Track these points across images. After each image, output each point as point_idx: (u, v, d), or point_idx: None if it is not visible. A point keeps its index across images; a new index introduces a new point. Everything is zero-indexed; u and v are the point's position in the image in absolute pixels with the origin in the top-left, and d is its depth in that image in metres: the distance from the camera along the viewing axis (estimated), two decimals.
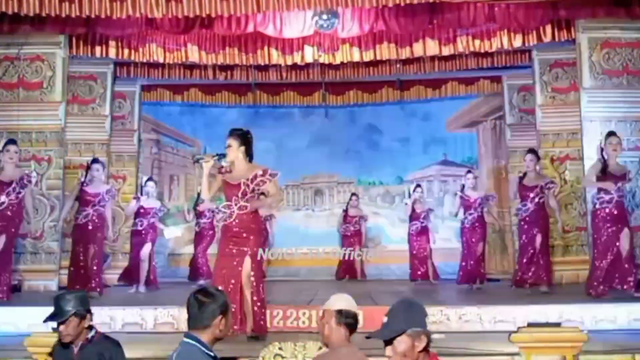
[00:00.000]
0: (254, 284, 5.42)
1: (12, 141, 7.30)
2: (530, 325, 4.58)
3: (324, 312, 3.37)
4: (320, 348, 3.75)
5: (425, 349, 2.54)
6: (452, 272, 9.99)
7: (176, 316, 5.99)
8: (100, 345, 3.61)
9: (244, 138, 5.59)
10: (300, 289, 8.63)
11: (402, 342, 2.51)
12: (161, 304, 6.50)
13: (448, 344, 5.08)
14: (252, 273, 5.40)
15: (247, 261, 5.40)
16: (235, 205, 5.48)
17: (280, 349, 3.79)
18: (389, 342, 2.55)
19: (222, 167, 5.66)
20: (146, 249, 8.53)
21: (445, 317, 6.01)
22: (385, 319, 2.61)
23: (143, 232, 8.63)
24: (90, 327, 3.64)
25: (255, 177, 5.49)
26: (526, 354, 4.41)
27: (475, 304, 6.33)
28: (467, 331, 5.87)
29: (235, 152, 5.54)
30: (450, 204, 10.82)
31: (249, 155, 5.61)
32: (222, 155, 5.58)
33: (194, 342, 2.85)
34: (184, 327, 3.09)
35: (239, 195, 5.47)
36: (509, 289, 7.97)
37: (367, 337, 2.66)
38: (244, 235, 5.47)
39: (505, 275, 9.83)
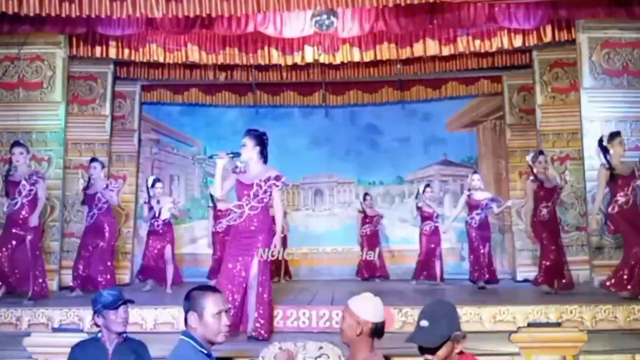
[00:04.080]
0: (261, 285, 5.39)
1: (16, 143, 7.27)
2: (530, 325, 4.59)
3: (350, 312, 2.98)
4: (320, 348, 3.76)
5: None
6: (452, 271, 10.02)
7: (176, 316, 5.99)
8: (133, 344, 3.67)
9: (260, 139, 5.57)
10: (300, 289, 8.62)
11: (444, 347, 2.48)
12: (161, 304, 6.50)
13: None
14: (259, 274, 5.38)
15: (255, 262, 5.37)
16: (247, 205, 5.46)
17: (280, 349, 3.80)
18: (428, 348, 2.48)
19: (237, 166, 5.62)
20: (167, 252, 8.54)
21: None
22: (425, 323, 2.51)
23: (159, 231, 8.62)
24: None
25: (269, 179, 5.47)
26: (526, 354, 4.41)
27: (475, 304, 6.32)
28: (467, 331, 5.81)
29: (250, 152, 5.51)
30: (450, 204, 10.81)
31: (264, 156, 5.58)
32: (236, 154, 5.54)
33: (187, 339, 2.86)
34: (183, 327, 3.09)
35: (251, 195, 5.45)
36: (509, 289, 7.97)
37: (407, 341, 2.56)
38: (254, 235, 5.45)
39: (505, 275, 9.84)
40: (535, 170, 7.67)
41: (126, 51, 8.97)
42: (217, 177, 5.55)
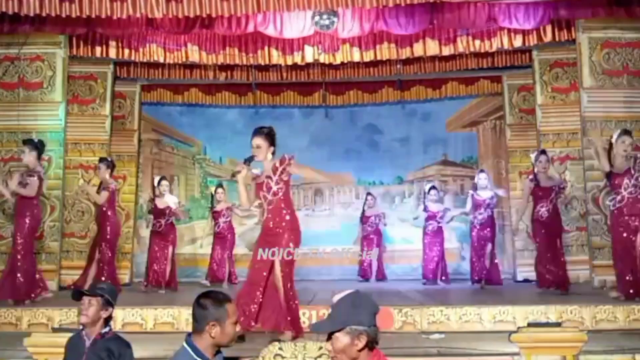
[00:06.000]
0: (283, 282, 5.28)
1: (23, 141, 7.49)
2: (530, 325, 4.59)
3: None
4: (320, 348, 3.76)
5: (368, 347, 2.46)
6: (452, 271, 10.01)
7: (176, 316, 5.99)
8: (111, 342, 3.65)
9: (272, 137, 5.44)
10: (300, 289, 8.59)
11: (339, 339, 2.43)
12: (161, 304, 6.50)
13: (448, 344, 5.10)
14: (281, 271, 5.26)
15: (277, 262, 5.26)
16: (265, 201, 5.38)
17: (280, 349, 3.80)
18: (330, 335, 2.48)
19: (257, 175, 5.46)
20: (170, 253, 8.58)
21: (445, 317, 6.03)
22: (329, 311, 2.52)
23: (162, 233, 8.61)
24: (106, 324, 3.69)
25: (277, 168, 5.36)
26: (526, 354, 4.41)
27: (475, 304, 6.33)
28: (467, 331, 5.87)
29: (265, 152, 5.38)
30: (450, 205, 10.79)
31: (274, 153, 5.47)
32: (250, 159, 5.37)
33: (187, 347, 2.85)
34: (184, 327, 3.10)
35: (264, 189, 5.35)
36: (509, 289, 7.98)
37: (309, 329, 2.59)
38: (277, 231, 5.34)
39: (505, 275, 9.83)
40: (535, 170, 7.73)
41: (126, 51, 8.97)
42: (242, 191, 5.38)
